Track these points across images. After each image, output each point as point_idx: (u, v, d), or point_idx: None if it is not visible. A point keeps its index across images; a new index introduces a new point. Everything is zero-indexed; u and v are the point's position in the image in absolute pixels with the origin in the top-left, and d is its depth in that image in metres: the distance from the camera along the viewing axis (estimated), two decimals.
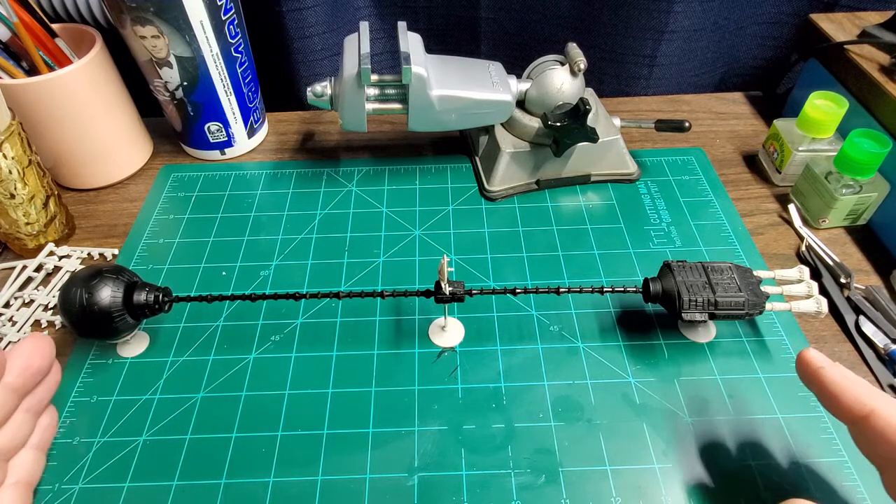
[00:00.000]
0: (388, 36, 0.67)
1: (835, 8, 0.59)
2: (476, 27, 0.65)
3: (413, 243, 0.50)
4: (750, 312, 0.39)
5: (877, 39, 0.51)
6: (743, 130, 0.61)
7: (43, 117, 0.49)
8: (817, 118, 0.50)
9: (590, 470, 0.36)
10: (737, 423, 0.38)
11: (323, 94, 0.50)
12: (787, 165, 0.52)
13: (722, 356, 0.42)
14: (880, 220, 0.49)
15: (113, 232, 0.52)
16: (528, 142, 0.52)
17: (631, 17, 0.60)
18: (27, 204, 0.47)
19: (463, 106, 0.49)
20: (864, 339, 0.42)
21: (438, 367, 0.41)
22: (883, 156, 0.46)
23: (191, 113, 0.54)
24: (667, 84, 0.65)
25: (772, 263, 0.48)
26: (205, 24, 0.49)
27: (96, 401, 0.40)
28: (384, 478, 0.36)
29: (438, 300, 0.39)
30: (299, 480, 0.36)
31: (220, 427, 0.39)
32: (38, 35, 0.50)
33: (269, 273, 0.48)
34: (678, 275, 0.39)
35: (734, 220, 0.51)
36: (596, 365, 0.41)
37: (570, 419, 0.38)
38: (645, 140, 0.59)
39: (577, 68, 0.48)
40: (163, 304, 0.40)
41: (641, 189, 0.54)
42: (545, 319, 0.44)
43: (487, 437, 0.38)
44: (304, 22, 0.60)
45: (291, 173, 0.57)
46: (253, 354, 0.42)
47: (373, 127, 0.61)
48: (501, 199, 0.54)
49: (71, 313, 0.37)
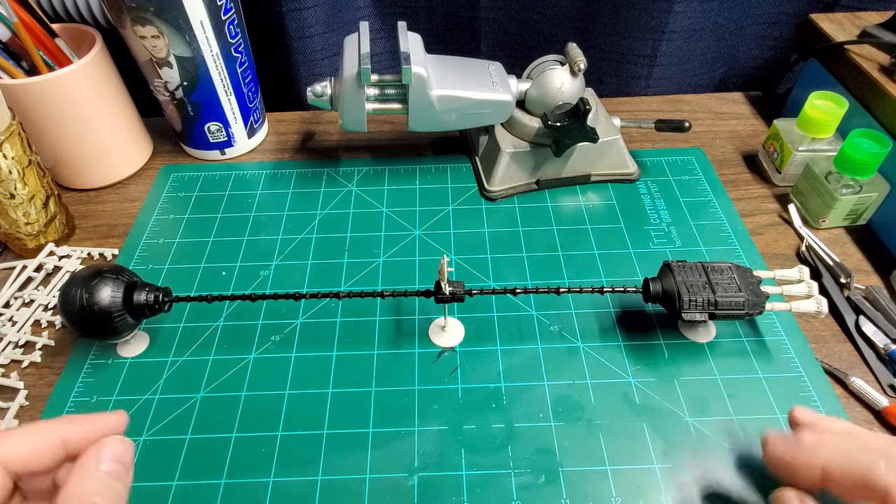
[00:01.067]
0: (388, 36, 0.67)
1: (835, 8, 0.59)
2: (476, 27, 0.65)
3: (413, 243, 0.50)
4: (750, 312, 0.39)
5: (877, 39, 0.51)
6: (743, 130, 0.61)
7: (43, 117, 0.49)
8: (817, 118, 0.50)
9: (590, 470, 0.36)
10: (737, 423, 0.38)
11: (323, 94, 0.50)
12: (787, 165, 0.52)
13: (722, 356, 0.42)
14: (880, 220, 0.49)
15: (113, 232, 0.52)
16: (528, 142, 0.52)
17: (631, 16, 0.60)
18: (27, 204, 0.47)
19: (463, 106, 0.49)
20: (864, 339, 0.42)
21: (438, 367, 0.41)
22: (883, 156, 0.45)
23: (191, 113, 0.54)
24: (667, 84, 0.65)
25: (772, 263, 0.48)
26: (205, 24, 0.49)
27: (96, 401, 0.40)
28: (384, 478, 0.36)
29: (438, 300, 0.39)
30: (299, 480, 0.36)
31: (220, 427, 0.39)
32: (38, 35, 0.50)
33: (269, 273, 0.48)
34: (678, 275, 0.39)
35: (734, 220, 0.51)
36: (596, 365, 0.41)
37: (570, 419, 0.38)
38: (645, 140, 0.59)
39: (577, 68, 0.48)
40: (163, 304, 0.40)
41: (641, 189, 0.54)
42: (545, 319, 0.44)
43: (487, 437, 0.38)
44: (304, 22, 0.60)
45: (291, 173, 0.57)
46: (253, 354, 0.42)
47: (373, 127, 0.61)
48: (501, 199, 0.53)
49: (71, 313, 0.37)
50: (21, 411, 0.40)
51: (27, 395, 0.41)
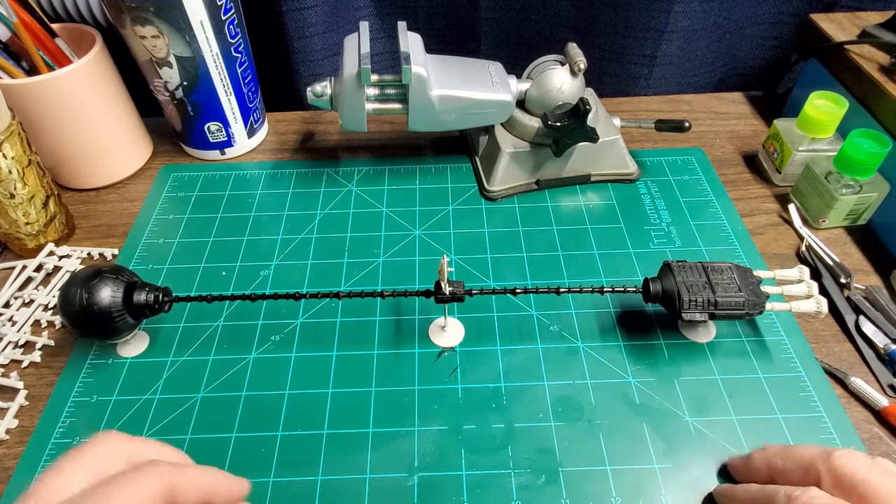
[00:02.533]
0: (388, 36, 0.67)
1: (835, 8, 0.59)
2: (476, 27, 0.65)
3: (413, 243, 0.50)
4: (750, 312, 0.39)
5: (877, 39, 0.51)
6: (743, 130, 0.61)
7: (43, 117, 0.49)
8: (817, 118, 0.50)
9: (590, 470, 0.36)
10: (737, 423, 0.38)
11: (323, 93, 0.50)
12: (787, 165, 0.52)
13: (722, 356, 0.42)
14: (880, 220, 0.49)
15: (113, 232, 0.52)
16: (528, 142, 0.52)
17: (631, 16, 0.60)
18: (27, 204, 0.47)
19: (463, 106, 0.49)
20: (864, 339, 0.42)
21: (438, 367, 0.41)
22: (883, 156, 0.45)
23: (191, 113, 0.54)
24: (667, 84, 0.65)
25: (772, 263, 0.48)
26: (205, 24, 0.49)
27: (96, 401, 0.40)
28: (384, 478, 0.36)
29: (438, 300, 0.39)
30: (299, 480, 0.36)
31: (219, 427, 0.39)
32: (38, 35, 0.50)
33: (269, 273, 0.48)
34: (678, 275, 0.39)
35: (734, 220, 0.51)
36: (596, 365, 0.41)
37: (570, 419, 0.38)
38: (645, 140, 0.59)
39: (577, 68, 0.48)
40: (163, 303, 0.40)
41: (641, 189, 0.54)
42: (545, 319, 0.44)
43: (487, 437, 0.38)
44: (304, 22, 0.60)
45: (291, 173, 0.57)
46: (253, 354, 0.42)
47: (373, 127, 0.61)
48: (501, 199, 0.53)
49: (71, 313, 0.37)
50: (21, 411, 0.40)
51: (27, 395, 0.41)
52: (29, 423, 0.39)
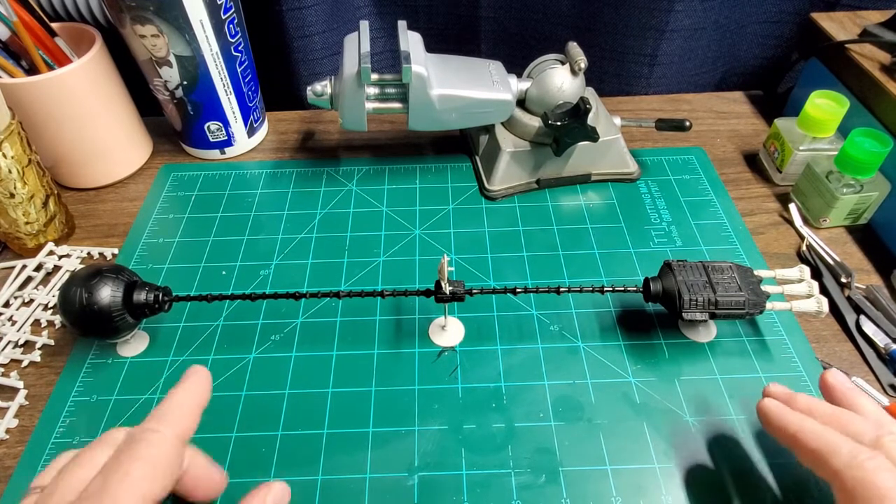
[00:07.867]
0: (388, 35, 0.67)
1: (836, 7, 0.59)
2: (476, 26, 0.65)
3: (413, 243, 0.50)
4: (750, 312, 0.38)
5: (878, 38, 0.51)
6: (744, 130, 0.61)
7: (43, 117, 0.49)
8: (818, 117, 0.49)
9: (590, 470, 0.36)
10: (737, 422, 0.38)
11: (323, 93, 0.50)
12: (787, 165, 0.52)
13: (722, 356, 0.42)
14: (881, 220, 0.49)
15: (113, 231, 0.52)
16: (528, 141, 0.52)
17: (631, 15, 0.60)
18: (27, 203, 0.47)
19: (463, 105, 0.49)
20: (864, 339, 0.42)
21: (438, 367, 0.41)
22: (884, 155, 0.45)
23: (190, 112, 0.54)
24: (667, 83, 0.65)
25: (772, 263, 0.48)
26: (205, 24, 0.49)
27: (96, 400, 0.40)
28: (384, 477, 0.36)
29: (438, 300, 0.39)
30: (299, 480, 0.36)
31: (219, 427, 0.39)
32: (37, 34, 0.49)
33: (269, 272, 0.48)
34: (679, 274, 0.39)
35: (735, 219, 0.51)
36: (596, 364, 0.41)
37: (571, 419, 0.38)
38: (645, 139, 0.59)
39: (578, 67, 0.48)
40: (163, 303, 0.40)
41: (642, 188, 0.54)
42: (545, 319, 0.44)
43: (487, 437, 0.38)
44: (304, 21, 0.60)
45: (291, 173, 0.57)
46: (253, 354, 0.42)
47: (373, 126, 0.61)
48: (502, 199, 0.53)
49: (71, 313, 0.37)
50: (21, 411, 0.40)
51: (27, 394, 0.41)
52: (29, 422, 0.39)
